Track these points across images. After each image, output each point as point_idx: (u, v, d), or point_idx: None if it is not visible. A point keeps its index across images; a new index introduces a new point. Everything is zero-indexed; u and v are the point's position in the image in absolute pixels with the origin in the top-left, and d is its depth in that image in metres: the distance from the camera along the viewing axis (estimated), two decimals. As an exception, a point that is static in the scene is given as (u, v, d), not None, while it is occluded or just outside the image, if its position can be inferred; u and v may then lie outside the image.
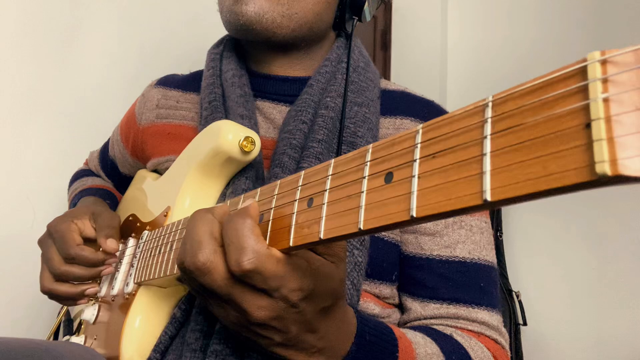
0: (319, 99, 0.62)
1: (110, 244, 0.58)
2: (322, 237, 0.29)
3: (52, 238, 0.60)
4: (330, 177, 0.30)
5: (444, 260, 0.58)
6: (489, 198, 0.20)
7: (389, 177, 0.25)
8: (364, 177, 0.27)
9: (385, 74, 1.57)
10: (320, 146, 0.57)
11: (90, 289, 0.59)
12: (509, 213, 1.38)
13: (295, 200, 0.33)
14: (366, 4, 0.68)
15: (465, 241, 0.59)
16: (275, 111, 0.65)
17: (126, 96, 0.93)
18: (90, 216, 0.63)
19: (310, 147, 0.56)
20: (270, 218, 0.35)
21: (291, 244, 0.32)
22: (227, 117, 0.61)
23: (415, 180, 0.23)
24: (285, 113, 0.64)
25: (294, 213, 0.33)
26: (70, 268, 0.57)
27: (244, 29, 0.61)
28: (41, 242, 0.61)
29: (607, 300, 1.18)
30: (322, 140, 0.57)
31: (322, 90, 0.63)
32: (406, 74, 1.59)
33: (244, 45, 0.71)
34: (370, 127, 0.61)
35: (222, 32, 0.70)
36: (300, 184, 0.33)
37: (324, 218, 0.29)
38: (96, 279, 0.60)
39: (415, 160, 0.24)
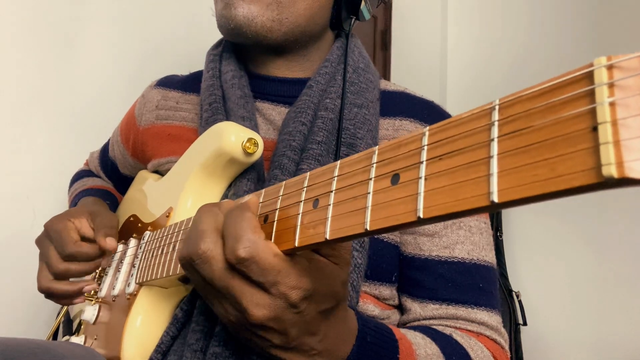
0: (319, 100, 0.62)
1: (110, 242, 0.59)
2: (327, 237, 0.29)
3: (49, 237, 0.60)
4: (336, 178, 0.30)
5: (443, 261, 0.58)
6: (496, 199, 0.20)
7: (395, 178, 0.25)
8: (371, 179, 0.27)
9: (385, 74, 1.58)
10: (320, 148, 0.57)
11: (88, 285, 0.59)
12: (509, 213, 1.39)
13: (301, 201, 0.33)
14: (363, 2, 0.67)
15: (464, 242, 0.59)
16: (275, 112, 0.65)
17: (126, 97, 0.93)
18: (88, 216, 0.63)
19: (310, 149, 0.56)
20: (276, 219, 0.35)
21: (297, 245, 0.32)
22: (227, 119, 0.61)
23: (422, 182, 0.24)
24: (285, 114, 0.64)
25: (299, 214, 0.33)
26: (69, 265, 0.58)
27: (234, 32, 0.61)
28: (39, 242, 0.61)
29: (607, 300, 1.18)
30: (322, 141, 0.57)
31: (322, 91, 0.63)
32: (406, 74, 1.59)
33: (243, 47, 0.71)
34: (369, 128, 0.61)
35: (221, 33, 0.70)
36: (305, 185, 0.33)
37: (329, 219, 0.29)
38: (94, 277, 0.61)
39: (422, 162, 0.24)
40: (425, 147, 0.24)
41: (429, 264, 0.58)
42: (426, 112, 0.67)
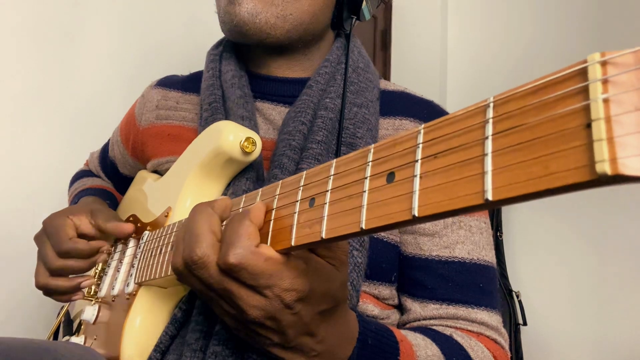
0: (319, 100, 0.62)
1: (127, 226, 0.61)
2: (323, 236, 0.29)
3: (47, 233, 0.60)
4: (332, 177, 0.30)
5: (444, 261, 0.58)
6: (490, 197, 0.20)
7: (390, 177, 0.25)
8: (366, 177, 0.27)
9: (385, 74, 1.57)
10: (320, 147, 0.57)
11: (86, 281, 0.59)
12: (508, 213, 1.38)
13: (297, 201, 0.33)
14: (364, 2, 0.67)
15: (464, 241, 0.59)
16: (275, 112, 0.65)
17: (126, 97, 0.93)
18: (89, 213, 0.63)
19: (310, 149, 0.56)
20: (272, 218, 0.35)
21: (293, 244, 0.32)
22: (227, 119, 0.61)
23: (417, 180, 0.24)
24: (285, 114, 0.64)
25: (295, 213, 0.33)
26: (66, 262, 0.58)
27: (237, 29, 0.61)
28: (37, 239, 0.62)
29: (607, 300, 1.18)
30: (322, 141, 0.57)
31: (322, 91, 0.63)
32: (406, 74, 1.59)
33: (243, 46, 0.71)
34: (369, 127, 0.61)
35: (222, 32, 0.70)
36: (302, 184, 0.33)
37: (325, 218, 0.29)
38: (95, 275, 0.61)
39: (417, 161, 0.24)
40: (420, 145, 0.24)
41: (429, 264, 0.58)
42: (426, 111, 0.67)
